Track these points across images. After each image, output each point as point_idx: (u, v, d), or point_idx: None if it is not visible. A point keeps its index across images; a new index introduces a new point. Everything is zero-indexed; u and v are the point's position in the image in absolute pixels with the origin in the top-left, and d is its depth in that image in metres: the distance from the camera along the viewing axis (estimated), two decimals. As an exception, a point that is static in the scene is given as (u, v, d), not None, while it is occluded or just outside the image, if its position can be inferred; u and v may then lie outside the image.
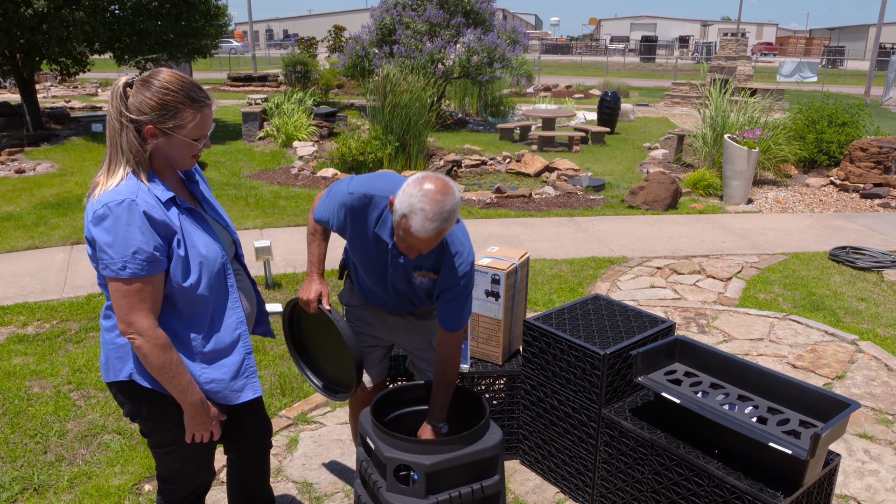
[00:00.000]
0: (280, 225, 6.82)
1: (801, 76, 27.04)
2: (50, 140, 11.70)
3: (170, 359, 1.71)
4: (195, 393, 1.78)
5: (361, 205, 2.11)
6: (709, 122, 9.39)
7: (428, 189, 1.87)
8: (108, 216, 1.62)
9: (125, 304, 1.66)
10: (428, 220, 1.85)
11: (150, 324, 1.68)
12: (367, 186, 2.11)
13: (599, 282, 5.37)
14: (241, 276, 2.00)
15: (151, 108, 1.66)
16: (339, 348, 2.32)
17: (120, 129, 1.68)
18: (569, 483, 2.80)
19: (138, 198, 1.65)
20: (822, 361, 4.01)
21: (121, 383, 1.82)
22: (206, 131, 1.76)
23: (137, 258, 1.64)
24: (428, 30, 13.83)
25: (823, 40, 62.27)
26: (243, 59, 40.23)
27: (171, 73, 1.69)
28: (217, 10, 13.45)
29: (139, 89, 1.67)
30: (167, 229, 1.69)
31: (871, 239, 6.69)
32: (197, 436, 1.86)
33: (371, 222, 2.13)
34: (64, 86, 23.28)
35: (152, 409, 1.85)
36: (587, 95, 22.32)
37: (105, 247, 1.63)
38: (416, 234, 1.88)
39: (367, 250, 2.20)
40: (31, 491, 2.81)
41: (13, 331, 4.35)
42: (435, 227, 1.87)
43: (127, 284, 1.65)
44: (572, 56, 51.12)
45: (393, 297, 2.32)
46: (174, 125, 1.68)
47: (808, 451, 1.94)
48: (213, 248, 1.80)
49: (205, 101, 1.73)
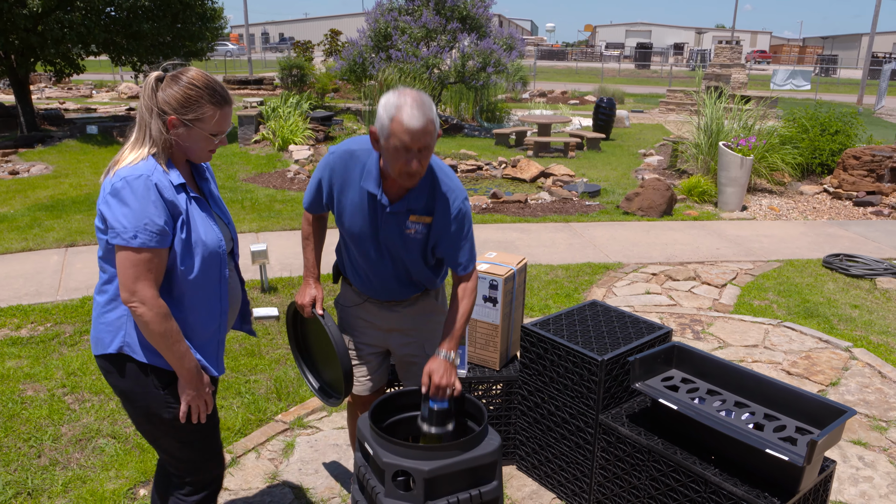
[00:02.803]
0: (276, 229, 6.81)
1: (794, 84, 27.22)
2: (44, 141, 11.66)
3: (170, 327, 1.81)
4: (191, 360, 1.87)
5: (343, 161, 2.16)
6: (703, 129, 9.44)
7: (398, 91, 1.97)
8: (126, 188, 1.74)
9: (132, 272, 1.75)
10: (414, 108, 1.92)
11: (153, 293, 1.78)
12: (347, 144, 2.20)
13: (595, 288, 5.39)
14: (232, 272, 2.08)
15: (177, 101, 1.79)
16: (332, 353, 2.33)
17: (149, 118, 1.81)
18: (565, 489, 2.80)
19: (154, 175, 1.77)
20: (816, 368, 4.03)
21: (110, 356, 1.90)
22: (225, 128, 1.88)
23: (148, 229, 1.74)
24: (424, 35, 13.86)
25: (817, 49, 62.76)
26: (239, 63, 40.18)
27: (198, 72, 1.83)
28: (213, 12, 13.46)
29: (168, 84, 1.81)
30: (175, 209, 1.81)
31: (865, 246, 6.73)
32: (193, 408, 1.92)
33: (356, 177, 2.16)
34: (58, 87, 23.20)
35: (139, 383, 1.91)
36: (582, 101, 22.40)
37: (120, 217, 1.73)
38: (409, 126, 1.92)
39: (355, 213, 2.20)
40: (24, 495, 2.80)
41: (7, 333, 4.32)
42: (423, 113, 1.93)
43: (136, 253, 1.75)
44: (568, 62, 51.33)
45: (390, 268, 2.27)
46: (194, 118, 1.81)
47: (804, 458, 1.95)
48: (212, 237, 1.89)
49: (226, 99, 1.86)
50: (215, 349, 2.00)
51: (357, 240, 2.25)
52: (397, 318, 2.40)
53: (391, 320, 2.40)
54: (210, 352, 1.99)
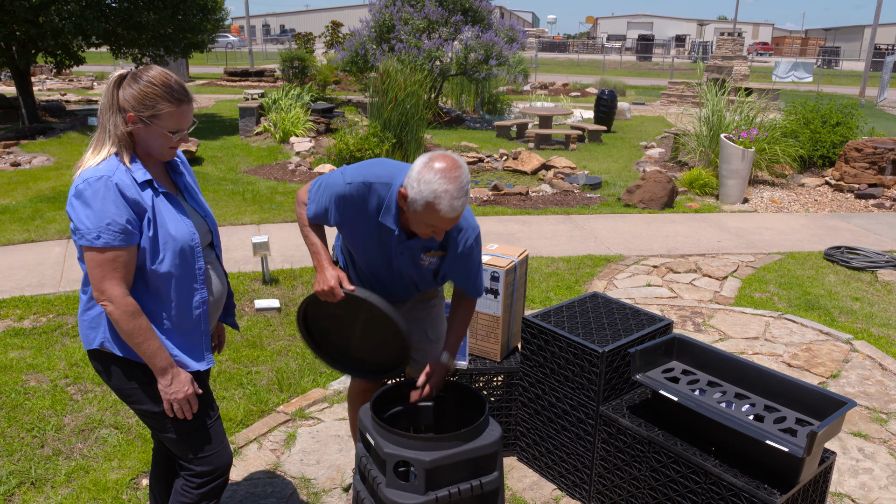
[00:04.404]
0: (277, 220, 6.81)
1: (796, 76, 27.12)
2: (46, 133, 11.64)
3: (138, 325, 1.84)
4: (164, 358, 1.89)
5: (360, 193, 2.08)
6: (705, 121, 9.42)
7: (441, 168, 1.91)
8: (87, 190, 1.77)
9: (98, 272, 1.80)
10: (455, 199, 1.91)
11: (121, 292, 1.82)
12: (364, 174, 2.09)
13: (596, 280, 5.39)
14: (213, 263, 2.08)
15: (135, 99, 1.82)
16: (374, 328, 2.21)
17: (109, 115, 1.84)
18: (566, 480, 2.81)
19: (115, 175, 1.80)
20: (817, 360, 4.03)
21: (94, 351, 1.95)
22: (184, 126, 1.89)
23: (111, 229, 1.78)
24: (426, 27, 13.82)
25: (819, 40, 62.47)
26: (240, 54, 40.06)
27: (159, 71, 1.85)
28: (214, 4, 13.40)
29: (129, 83, 1.83)
30: (138, 207, 1.83)
31: (866, 239, 6.72)
32: (175, 406, 1.94)
33: (372, 210, 2.10)
34: (59, 79, 23.16)
35: (126, 378, 1.95)
36: (584, 93, 22.33)
37: (83, 218, 1.78)
38: (447, 216, 1.93)
39: (368, 241, 2.18)
40: (28, 485, 2.81)
41: (9, 324, 4.34)
42: (462, 202, 1.94)
43: (101, 253, 1.79)
44: (569, 54, 51.12)
45: (399, 283, 2.30)
46: (151, 115, 1.83)
47: (804, 449, 1.96)
48: (182, 231, 1.90)
49: (183, 97, 1.86)
50: (199, 341, 2.00)
51: (368, 261, 2.26)
52: (399, 309, 2.42)
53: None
54: (193, 343, 1.99)
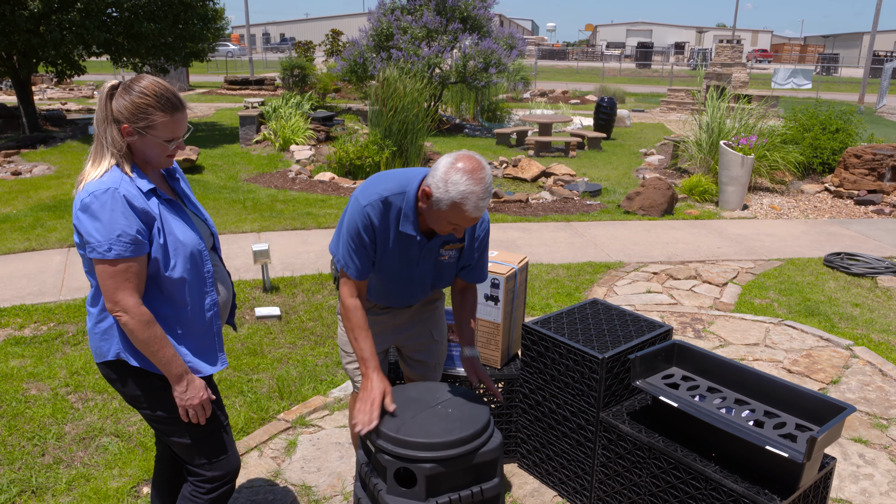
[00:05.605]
0: (277, 228, 6.83)
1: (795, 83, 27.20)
2: (46, 142, 11.68)
3: (154, 333, 1.85)
4: (179, 365, 1.91)
5: (379, 210, 2.10)
6: (704, 128, 9.44)
7: (467, 169, 1.94)
8: (94, 203, 1.77)
9: (111, 283, 1.80)
10: (481, 199, 1.95)
11: (134, 301, 1.82)
12: (377, 191, 2.10)
13: (596, 287, 5.39)
14: (218, 266, 2.11)
15: (128, 110, 1.82)
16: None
17: (105, 127, 1.84)
18: (567, 486, 2.81)
19: (121, 186, 1.80)
20: (817, 366, 4.03)
21: (110, 363, 1.95)
22: (179, 134, 1.89)
23: (122, 240, 1.78)
24: (425, 35, 13.87)
25: (818, 47, 62.66)
26: (240, 63, 40.21)
27: (151, 80, 1.85)
28: (214, 13, 13.47)
29: (121, 94, 1.83)
30: (147, 216, 1.84)
31: (866, 245, 6.73)
32: (190, 412, 1.96)
33: (392, 223, 2.12)
34: (60, 88, 23.24)
35: (141, 386, 1.96)
36: (583, 101, 22.40)
37: (93, 231, 1.77)
38: (471, 216, 1.97)
39: (392, 257, 2.18)
40: (28, 493, 2.81)
41: (10, 333, 4.34)
42: (486, 203, 1.98)
43: (112, 265, 1.79)
44: (568, 61, 51.30)
45: (418, 287, 2.32)
46: (145, 126, 1.83)
47: (804, 455, 1.96)
48: (190, 236, 1.92)
49: (177, 106, 1.86)
50: (213, 341, 2.03)
51: (386, 275, 2.26)
52: (404, 314, 2.44)
53: (399, 316, 2.44)
54: (208, 344, 2.01)
